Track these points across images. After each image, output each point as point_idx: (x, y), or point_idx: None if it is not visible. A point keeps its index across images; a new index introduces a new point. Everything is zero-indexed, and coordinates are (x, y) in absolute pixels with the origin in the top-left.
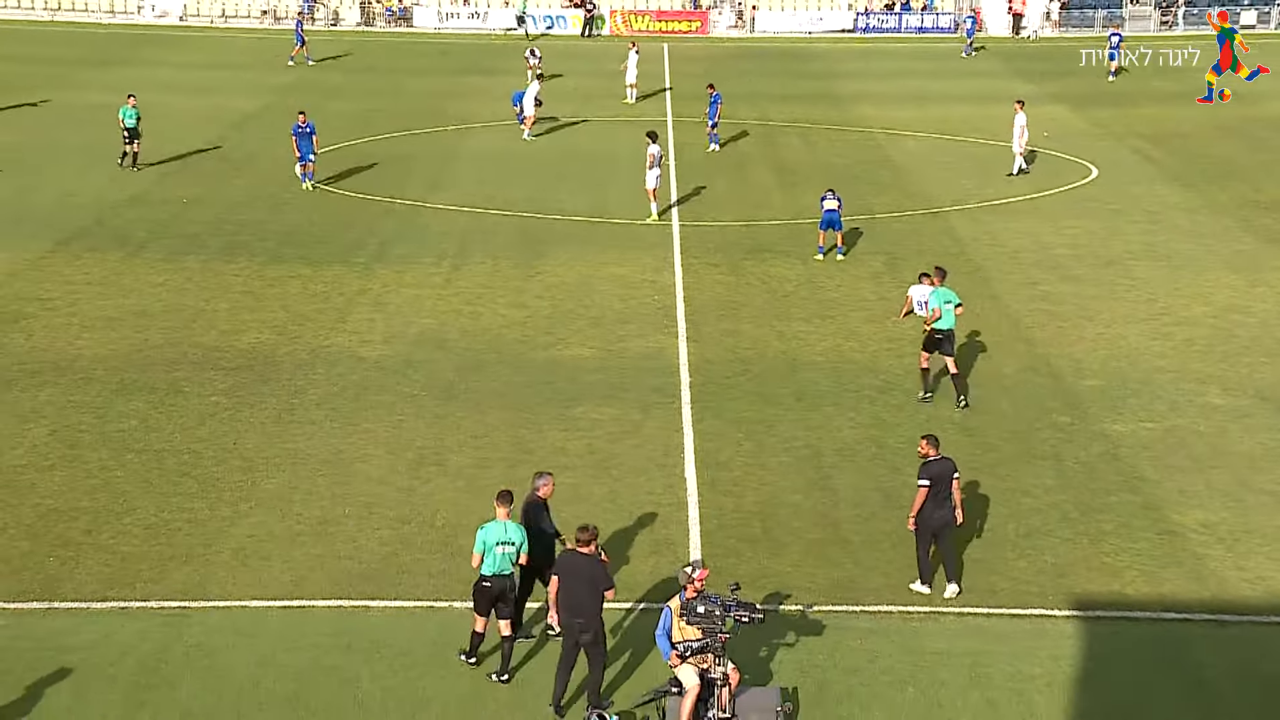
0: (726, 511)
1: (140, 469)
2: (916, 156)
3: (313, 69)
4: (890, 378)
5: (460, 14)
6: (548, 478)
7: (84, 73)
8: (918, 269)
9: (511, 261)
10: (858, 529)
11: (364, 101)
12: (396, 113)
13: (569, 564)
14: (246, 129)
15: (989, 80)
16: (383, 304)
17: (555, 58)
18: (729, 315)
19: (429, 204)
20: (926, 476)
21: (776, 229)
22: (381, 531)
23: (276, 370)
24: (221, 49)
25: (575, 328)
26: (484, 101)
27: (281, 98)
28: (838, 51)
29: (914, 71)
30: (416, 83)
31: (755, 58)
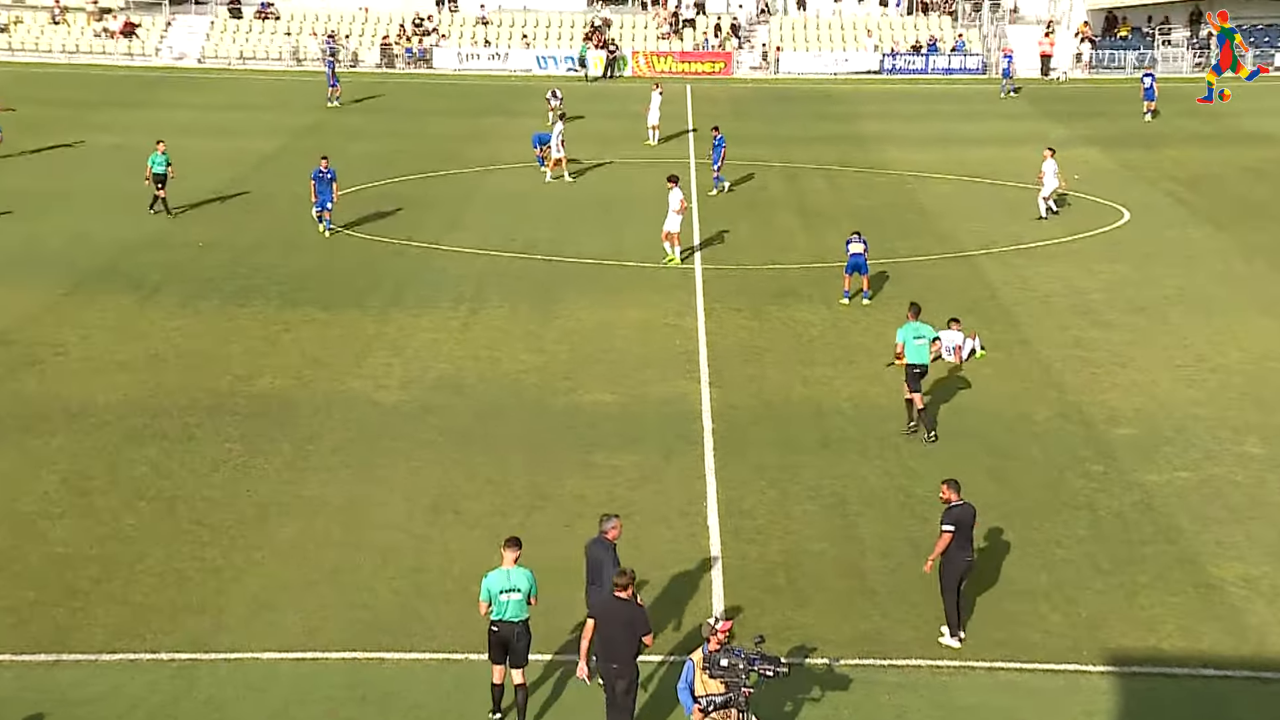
0: (750, 561)
1: (152, 517)
2: (944, 199)
3: (333, 111)
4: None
5: (480, 55)
6: (615, 520)
7: (101, 114)
8: (946, 314)
9: (530, 305)
10: (885, 580)
11: (383, 143)
12: (416, 154)
13: (606, 609)
14: (264, 171)
15: (1018, 122)
16: (399, 348)
17: (576, 99)
18: (752, 360)
19: (446, 246)
20: (951, 522)
21: (801, 272)
22: (397, 581)
23: (291, 416)
24: (239, 91)
25: (595, 373)
26: (504, 143)
27: (299, 139)
28: (863, 93)
29: (941, 113)
30: (436, 124)
31: (780, 99)
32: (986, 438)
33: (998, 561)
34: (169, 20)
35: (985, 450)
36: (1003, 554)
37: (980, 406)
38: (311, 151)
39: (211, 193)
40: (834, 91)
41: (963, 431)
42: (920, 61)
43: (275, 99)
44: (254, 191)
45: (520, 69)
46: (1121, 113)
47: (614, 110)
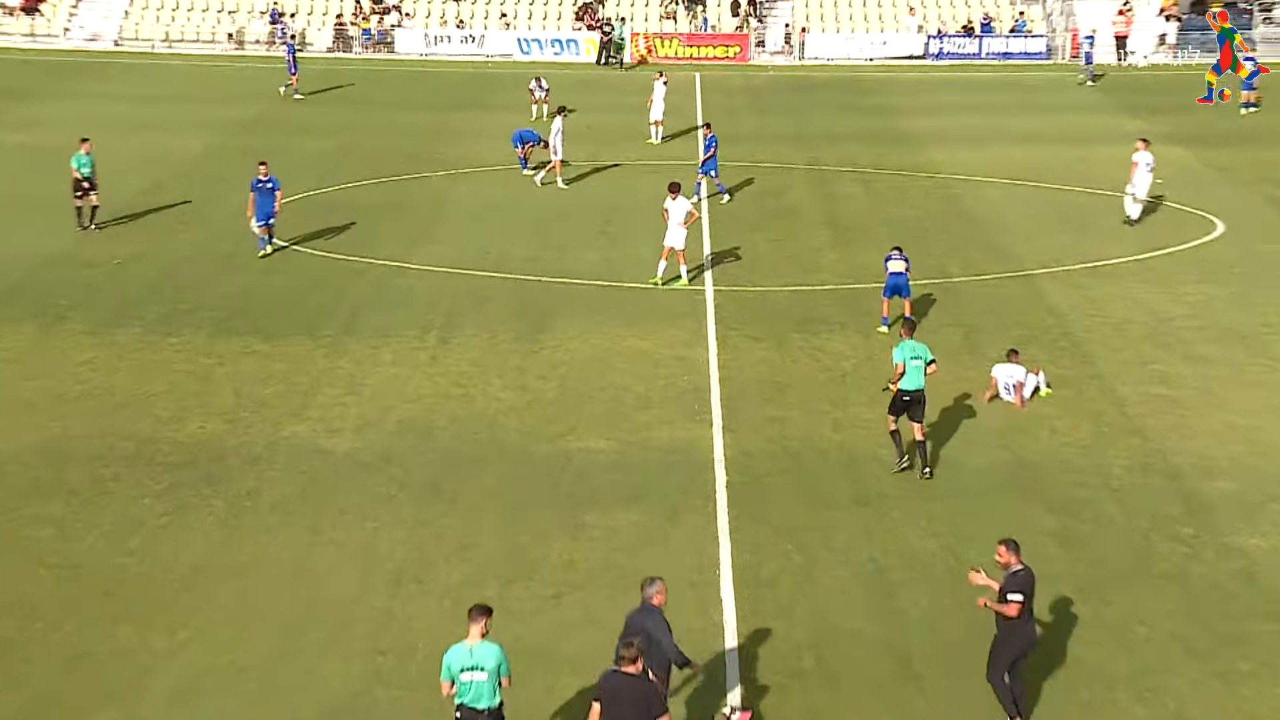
0: (772, 640)
1: (56, 587)
2: (1000, 208)
3: (283, 103)
4: (970, 476)
5: (451, 37)
6: (659, 583)
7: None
8: (1003, 345)
9: (511, 334)
10: (932, 662)
11: (337, 141)
12: (376, 154)
13: (612, 687)
14: (194, 174)
15: (1088, 116)
16: (355, 386)
17: (566, 90)
18: (774, 399)
19: (412, 264)
20: (1018, 589)
21: (831, 295)
22: (351, 664)
23: (224, 467)
24: (164, 78)
25: (587, 414)
26: (480, 141)
27: (237, 137)
28: (905, 82)
29: (998, 106)
30: (400, 119)
31: (805, 89)
32: (1053, 494)
33: (1068, 641)
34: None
35: (1052, 509)
36: (1074, 633)
37: (1045, 456)
38: (251, 152)
39: (131, 200)
40: (869, 80)
41: (1025, 486)
42: (972, 44)
43: (208, 89)
44: (182, 198)
45: (498, 54)
46: (1212, 105)
47: (610, 103)
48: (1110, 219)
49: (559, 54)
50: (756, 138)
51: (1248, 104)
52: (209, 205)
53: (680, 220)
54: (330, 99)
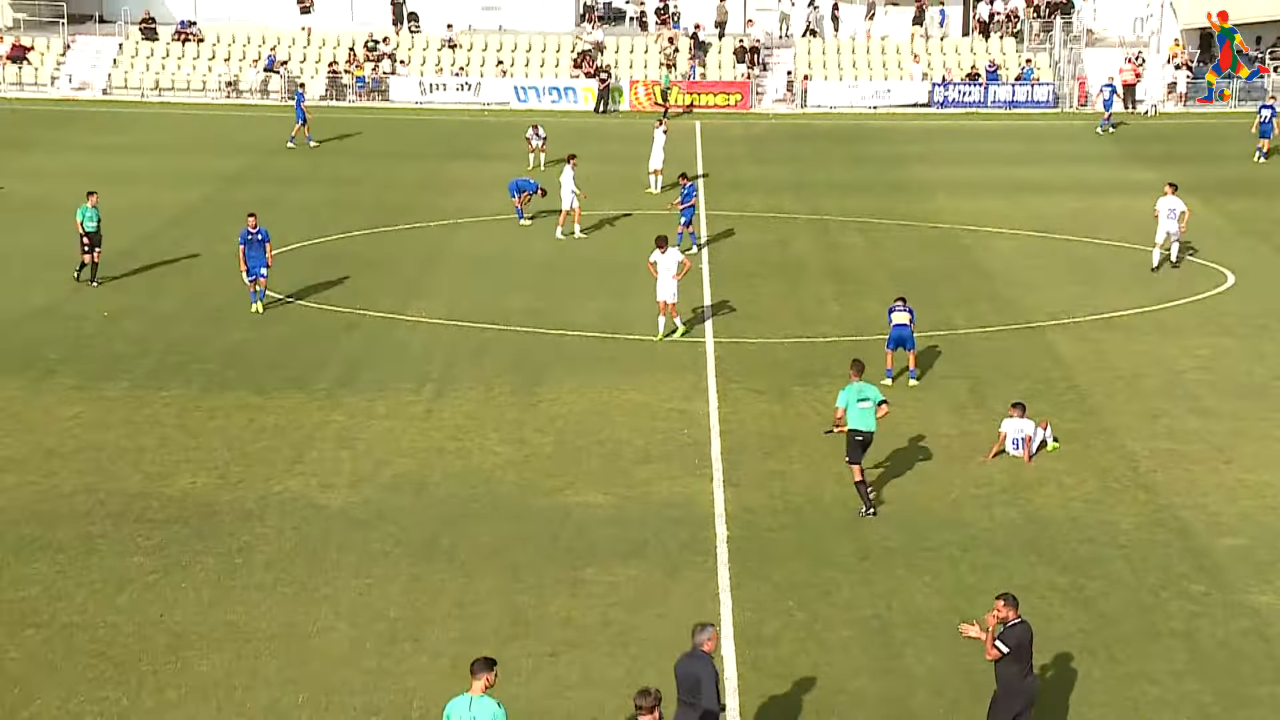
0: (774, 700)
1: (42, 649)
2: (1008, 258)
3: (274, 154)
4: (976, 532)
5: (447, 85)
6: (711, 629)
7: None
8: (1010, 397)
9: (508, 387)
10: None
11: (329, 191)
12: (370, 205)
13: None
14: (185, 225)
15: (1098, 166)
16: (349, 440)
17: (564, 138)
18: (775, 453)
19: (407, 316)
20: (1012, 643)
21: (834, 348)
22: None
23: (216, 523)
24: (155, 128)
25: (586, 468)
26: (475, 191)
27: (228, 188)
28: (909, 130)
29: (1004, 155)
30: (394, 168)
31: (807, 138)
32: (1061, 550)
33: (1076, 701)
34: (68, 43)
35: (1059, 566)
36: (1082, 692)
37: (1053, 511)
38: (244, 203)
39: (120, 252)
40: (873, 129)
41: (1032, 542)
42: (978, 92)
43: (199, 138)
44: (172, 250)
45: (495, 102)
46: (1225, 154)
47: (608, 152)
48: (1119, 270)
49: (556, 102)
50: (758, 187)
51: (1262, 151)
52: (200, 257)
53: (672, 273)
54: (324, 148)
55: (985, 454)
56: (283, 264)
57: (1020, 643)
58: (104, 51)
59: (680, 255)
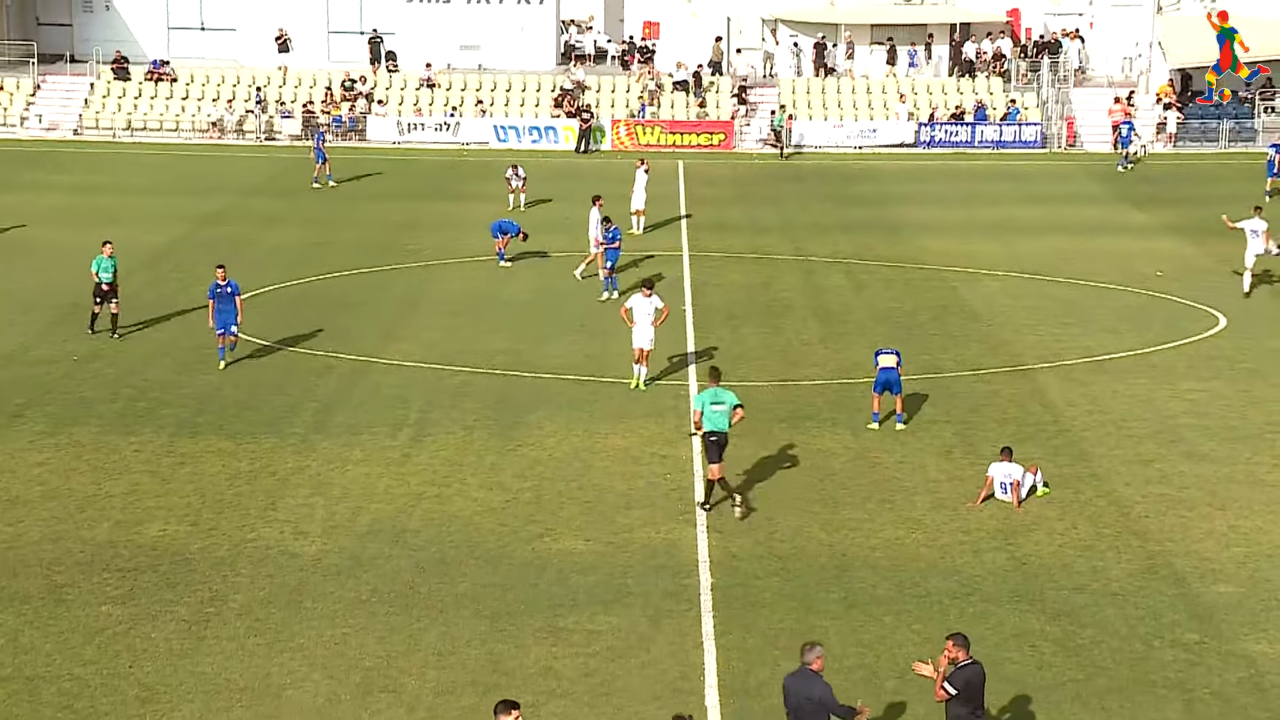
0: None
1: (7, 703)
2: (996, 300)
3: (247, 196)
4: (966, 579)
5: (425, 125)
6: (820, 649)
7: None
8: (999, 441)
9: (487, 431)
10: None
11: (305, 232)
12: (345, 246)
13: None
14: (157, 268)
15: (1088, 206)
16: (324, 486)
17: (544, 179)
18: (761, 499)
19: (384, 359)
20: (959, 684)
21: (819, 391)
22: None
23: (187, 572)
24: (126, 169)
25: (567, 515)
26: (454, 232)
27: (201, 229)
28: (895, 171)
29: (992, 196)
30: (371, 209)
31: (792, 178)
32: (1051, 598)
33: None
34: (37, 83)
35: (1049, 614)
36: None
37: (1043, 558)
38: (217, 244)
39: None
40: (858, 169)
41: (1022, 589)
42: (965, 132)
43: (172, 179)
44: (145, 292)
45: (474, 142)
46: (1216, 195)
47: (590, 192)
48: (1109, 312)
49: (537, 141)
50: (741, 228)
51: (1273, 191)
52: (172, 300)
53: (651, 319)
54: (299, 189)
55: (974, 499)
56: (258, 306)
57: (969, 683)
58: (75, 91)
59: (660, 302)
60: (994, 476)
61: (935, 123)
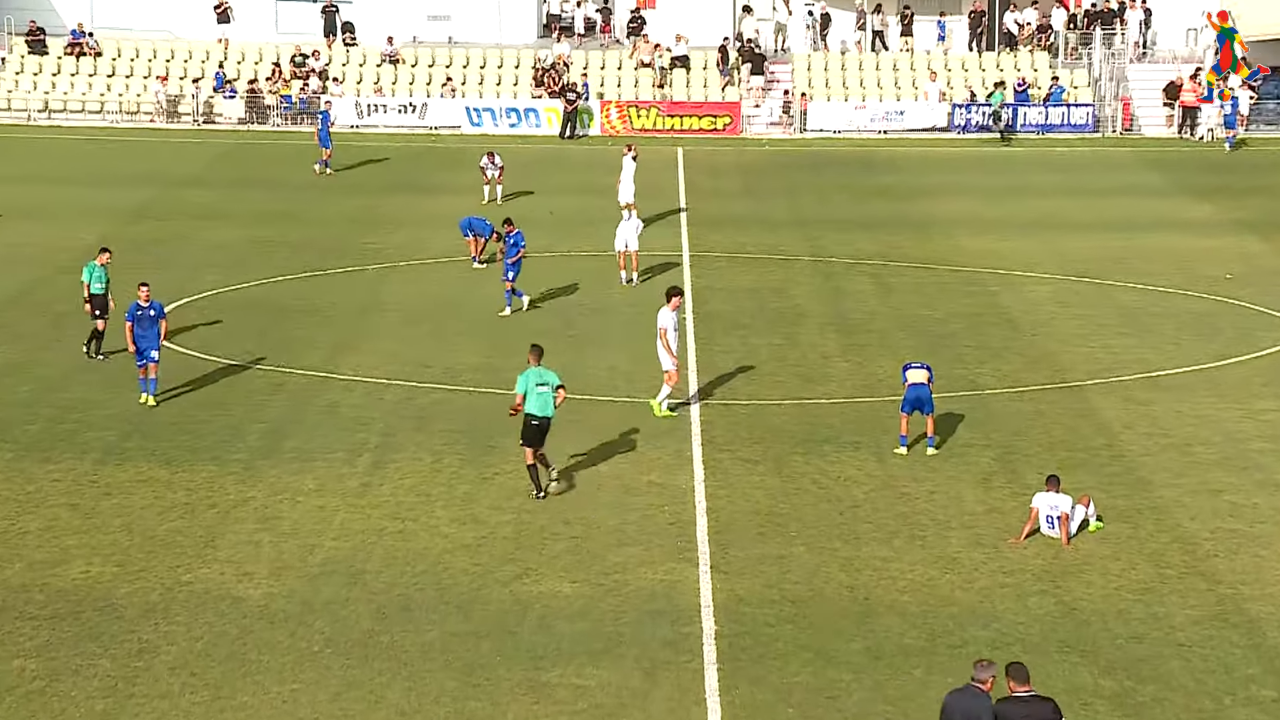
0: None
1: None
2: (1040, 307)
3: (184, 188)
4: (1007, 627)
5: (387, 106)
6: (994, 668)
7: None
8: (1045, 468)
9: (458, 456)
10: None
11: (249, 229)
12: (295, 245)
13: None
14: (79, 270)
15: (1144, 200)
16: (271, 520)
17: (524, 168)
18: (772, 534)
19: (340, 374)
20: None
21: (839, 410)
22: None
23: (113, 620)
24: (42, 156)
25: (550, 553)
26: (420, 229)
27: (128, 225)
28: (926, 159)
29: (1037, 187)
30: (325, 203)
31: (808, 168)
32: (1105, 649)
33: None
34: None
35: (1104, 667)
36: None
37: (1097, 603)
38: (146, 244)
39: (4, 300)
40: (883, 156)
41: (1073, 639)
42: (1005, 114)
43: (98, 167)
44: (66, 299)
45: (444, 126)
46: None
47: (577, 183)
48: (1170, 321)
49: (515, 125)
50: (750, 224)
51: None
52: None
53: (669, 326)
54: (242, 179)
55: (1016, 535)
56: (195, 313)
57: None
58: None
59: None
60: (1039, 509)
61: (972, 104)
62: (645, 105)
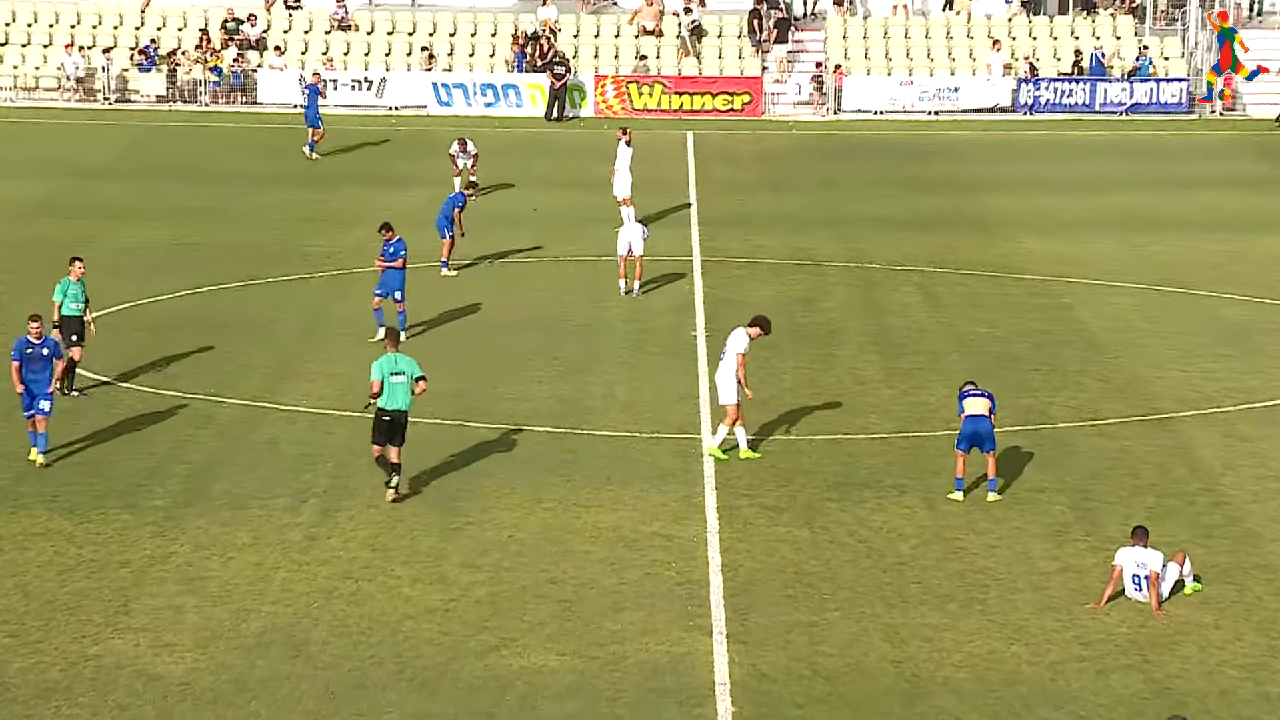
0: None
1: None
2: (1125, 323)
3: (90, 180)
4: (1086, 708)
5: (337, 82)
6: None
7: None
8: (1130, 518)
9: (423, 503)
10: None
11: (169, 229)
12: (225, 248)
13: None
14: None
15: (1250, 194)
16: (197, 581)
17: (501, 155)
18: (801, 598)
19: (280, 404)
20: None
21: (882, 448)
22: None
23: (5, 702)
24: None
25: (534, 619)
26: (377, 228)
27: (22, 223)
28: (986, 145)
29: (1118, 179)
30: (262, 198)
31: (843, 156)
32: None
33: None
34: None
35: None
36: None
37: (1193, 680)
38: (43, 247)
39: None
40: (934, 142)
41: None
42: (1081, 91)
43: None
44: None
45: (407, 106)
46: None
47: (565, 173)
48: None
49: (492, 105)
50: (773, 223)
51: None
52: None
53: (735, 365)
54: (161, 169)
55: (1096, 599)
56: (105, 330)
57: None
58: None
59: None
60: (1123, 567)
61: (1039, 78)
62: (647, 79)
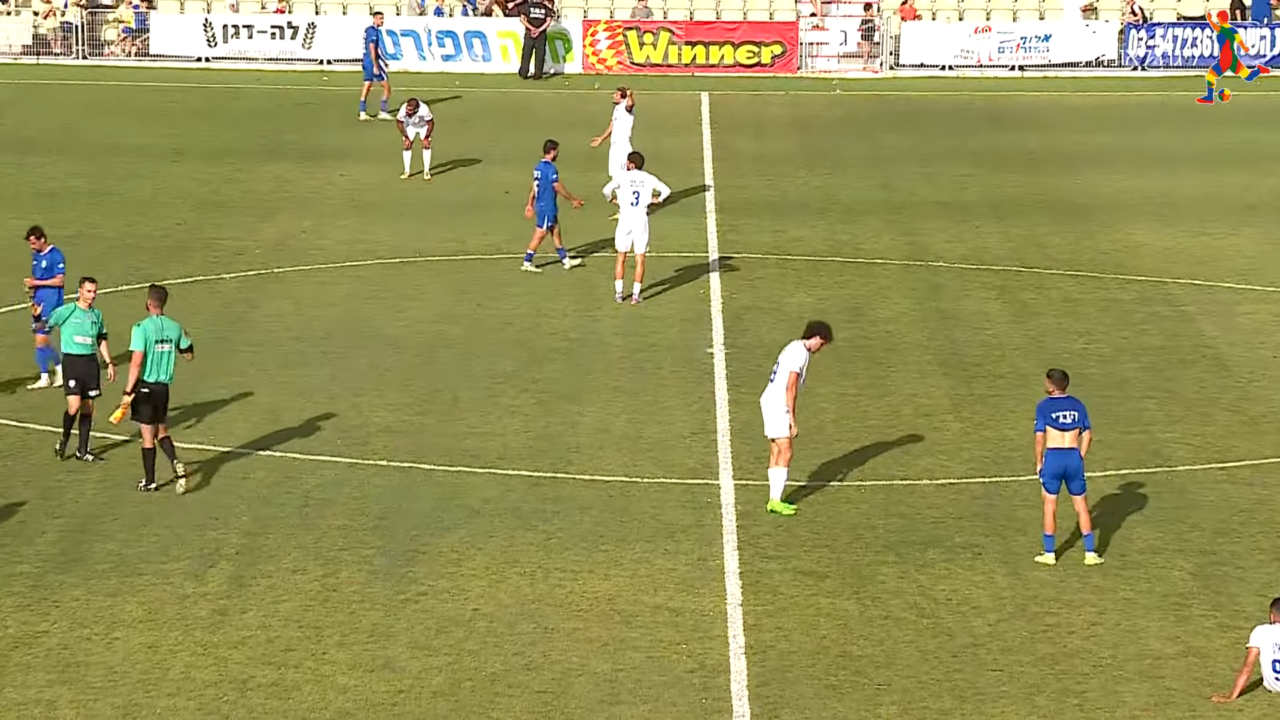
0: None
1: None
2: (1264, 338)
3: None
4: None
5: (252, 29)
6: None
7: None
8: (1269, 587)
9: (365, 567)
10: None
11: (33, 217)
12: (111, 241)
13: None
14: None
15: None
16: (74, 668)
17: (464, 121)
18: (847, 688)
19: (180, 441)
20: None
21: (951, 497)
22: None
23: None
24: None
25: (505, 716)
26: (308, 213)
27: None
28: (1083, 110)
29: (1255, 153)
30: (156, 176)
31: (900, 125)
32: None
33: None
34: None
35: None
36: None
37: None
38: None
39: None
40: (1016, 106)
41: None
42: (1205, 42)
43: None
44: None
45: (341, 59)
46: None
47: (538, 147)
48: None
49: (452, 58)
50: (810, 209)
51: None
52: None
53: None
54: (30, 142)
55: (1227, 690)
56: None
57: None
58: None
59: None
60: (1260, 649)
61: (1148, 24)
62: (650, 25)
